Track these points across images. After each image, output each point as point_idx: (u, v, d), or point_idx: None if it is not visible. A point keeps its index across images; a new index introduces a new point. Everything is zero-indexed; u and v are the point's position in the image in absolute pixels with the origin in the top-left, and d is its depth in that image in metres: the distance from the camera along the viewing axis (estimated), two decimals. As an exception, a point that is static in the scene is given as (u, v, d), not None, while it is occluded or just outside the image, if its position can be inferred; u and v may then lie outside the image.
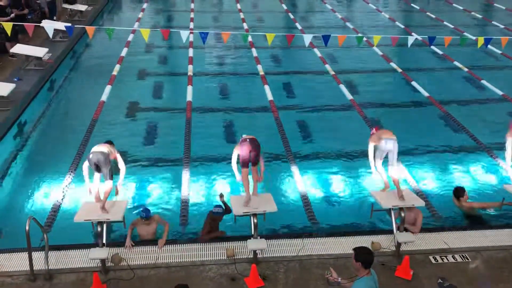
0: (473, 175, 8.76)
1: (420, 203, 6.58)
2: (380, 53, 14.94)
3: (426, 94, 12.09)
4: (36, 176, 8.44)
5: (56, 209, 7.45)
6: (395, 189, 6.53)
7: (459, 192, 7.56)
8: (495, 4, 23.46)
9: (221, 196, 6.81)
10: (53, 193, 7.92)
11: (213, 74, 13.54)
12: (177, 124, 10.37)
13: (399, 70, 13.72)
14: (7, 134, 9.90)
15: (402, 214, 6.38)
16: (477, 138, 9.89)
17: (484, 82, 12.93)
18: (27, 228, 5.49)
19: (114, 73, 13.00)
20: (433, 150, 9.49)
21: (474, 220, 7.50)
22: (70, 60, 14.59)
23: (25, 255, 5.88)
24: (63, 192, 7.90)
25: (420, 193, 7.86)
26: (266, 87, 12.31)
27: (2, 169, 8.75)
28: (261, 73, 13.30)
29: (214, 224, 6.69)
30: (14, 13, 14.00)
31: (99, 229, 6.03)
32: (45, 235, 5.98)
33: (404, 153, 9.24)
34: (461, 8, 22.24)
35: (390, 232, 6.56)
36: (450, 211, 7.62)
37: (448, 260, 6.30)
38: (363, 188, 8.24)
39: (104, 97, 11.46)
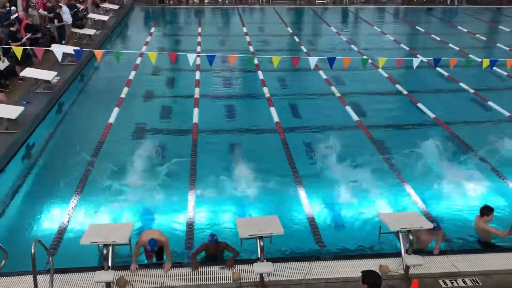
0: (481, 197, 8.66)
1: (428, 225, 6.50)
2: (386, 75, 15.01)
3: (432, 115, 12.08)
4: (43, 198, 8.45)
5: (62, 231, 7.43)
6: (402, 211, 6.47)
7: (486, 210, 7.20)
8: (499, 27, 23.62)
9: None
10: (60, 216, 7.91)
11: (220, 96, 13.64)
12: (184, 145, 10.40)
13: (405, 92, 13.75)
14: (15, 157, 9.97)
15: (411, 237, 6.30)
16: (485, 159, 9.82)
17: (490, 103, 12.91)
18: (32, 251, 5.47)
19: (122, 95, 13.13)
20: (441, 172, 9.42)
21: (484, 243, 7.37)
22: (79, 83, 14.76)
23: (30, 278, 5.84)
24: (69, 214, 7.89)
25: (428, 215, 7.77)
26: (272, 109, 12.36)
27: (10, 191, 8.78)
28: (267, 95, 13.37)
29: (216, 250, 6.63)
30: (28, 36, 14.31)
31: (105, 251, 5.99)
32: (50, 258, 5.95)
33: (411, 175, 9.23)
34: (465, 30, 22.40)
35: (399, 255, 6.47)
36: (459, 234, 7.51)
37: (458, 284, 6.18)
38: (371, 210, 8.16)
39: (111, 119, 11.55)
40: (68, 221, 7.70)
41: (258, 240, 6.14)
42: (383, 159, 9.88)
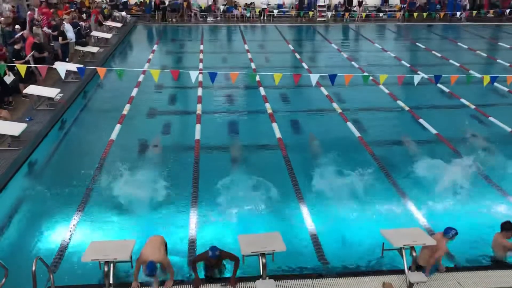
0: (484, 213, 8.61)
1: (431, 242, 6.46)
2: (387, 91, 15.07)
3: (434, 131, 12.09)
4: (44, 215, 8.43)
5: (63, 248, 7.40)
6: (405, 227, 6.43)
7: (509, 225, 7.02)
8: (499, 43, 23.78)
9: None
10: (61, 233, 7.88)
11: (222, 112, 13.69)
12: (186, 162, 10.41)
13: (407, 108, 13.78)
14: (17, 173, 9.98)
15: (414, 254, 6.26)
16: (487, 175, 9.80)
17: (491, 119, 12.93)
18: (33, 268, 5.44)
19: (124, 112, 13.19)
20: (443, 188, 9.38)
21: (497, 262, 7.24)
22: (82, 100, 14.86)
23: (30, 296, 5.79)
24: (70, 231, 7.87)
25: (431, 232, 7.72)
26: (274, 125, 12.39)
27: (12, 208, 8.77)
28: (269, 111, 13.43)
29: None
30: (34, 54, 14.48)
31: (106, 269, 5.96)
32: (51, 276, 5.91)
33: (414, 192, 9.20)
34: (465, 47, 22.55)
35: (402, 272, 6.41)
36: (463, 250, 7.45)
37: (462, 302, 6.12)
38: (374, 227, 8.11)
39: (113, 136, 11.59)
40: (69, 238, 7.67)
41: (260, 257, 6.10)
42: (385, 176, 9.87)
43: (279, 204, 8.73)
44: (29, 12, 20.02)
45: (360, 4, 29.30)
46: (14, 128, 10.70)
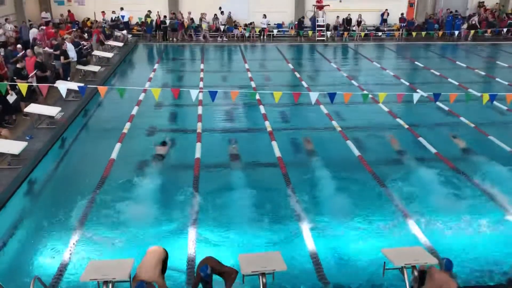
0: (485, 232, 8.57)
1: (433, 261, 6.41)
2: (386, 109, 15.13)
3: (433, 150, 12.10)
4: (44, 234, 8.38)
5: (62, 268, 7.33)
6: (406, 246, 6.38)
7: None
8: (497, 62, 23.97)
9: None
10: (60, 252, 7.82)
11: (222, 130, 13.73)
12: (186, 180, 10.39)
13: (406, 126, 13.81)
14: (17, 192, 9.96)
15: (415, 273, 6.20)
16: (488, 193, 9.78)
17: (491, 137, 12.95)
18: (31, 288, 5.40)
19: (124, 131, 13.22)
20: (444, 207, 9.35)
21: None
22: (82, 119, 14.91)
23: (28, 316, 5.73)
24: (70, 251, 7.81)
25: (432, 251, 7.67)
26: (274, 143, 12.41)
27: (11, 227, 8.73)
28: (269, 129, 13.46)
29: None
30: (37, 73, 14.60)
31: (104, 289, 5.90)
32: (49, 296, 5.86)
33: (415, 210, 9.16)
34: (464, 65, 22.73)
35: (404, 291, 6.35)
36: (464, 270, 7.39)
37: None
38: (375, 246, 8.06)
39: (114, 155, 11.59)
40: (68, 258, 7.62)
41: (260, 277, 6.05)
42: (386, 195, 9.84)
43: (279, 223, 8.69)
44: (37, 33, 20.34)
45: (359, 23, 29.63)
46: (14, 146, 10.71)
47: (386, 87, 18.22)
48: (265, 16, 28.78)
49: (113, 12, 27.59)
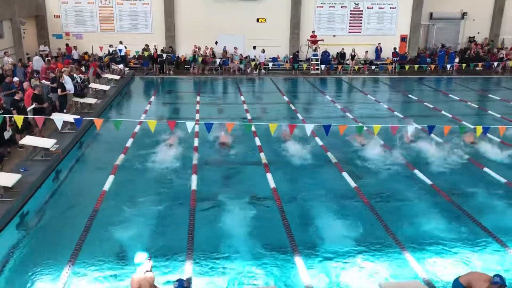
0: (483, 265, 8.47)
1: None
2: (381, 141, 15.19)
3: (429, 182, 12.09)
4: (36, 267, 8.22)
5: (52, 304, 7.16)
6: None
7: None
8: (489, 95, 24.33)
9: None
10: (53, 286, 7.65)
11: (217, 162, 13.69)
12: (181, 213, 10.29)
13: (402, 159, 13.81)
14: (9, 225, 9.81)
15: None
16: (484, 226, 9.73)
17: (486, 169, 12.99)
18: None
19: (118, 162, 13.17)
20: (440, 241, 9.28)
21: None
22: (77, 151, 14.86)
23: None
24: (63, 285, 7.65)
25: (430, 285, 7.55)
26: (269, 175, 12.37)
27: (2, 260, 8.54)
28: (264, 161, 13.45)
29: None
30: (35, 106, 14.65)
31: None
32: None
33: (412, 243, 9.08)
34: (457, 98, 23.04)
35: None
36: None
37: None
38: (372, 280, 7.94)
39: (106, 187, 11.50)
40: (59, 293, 7.44)
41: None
42: (382, 228, 9.76)
43: (274, 257, 8.57)
44: (42, 65, 20.78)
45: (352, 57, 30.16)
46: (8, 179, 10.62)
47: (380, 120, 18.36)
48: (263, 50, 29.28)
49: (110, 46, 27.99)
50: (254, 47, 29.49)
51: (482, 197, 11.37)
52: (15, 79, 17.33)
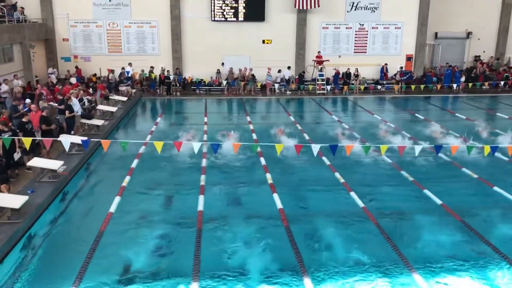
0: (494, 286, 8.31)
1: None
2: (389, 161, 15.10)
3: (439, 201, 11.96)
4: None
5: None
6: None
7: None
8: (496, 114, 24.21)
9: None
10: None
11: (224, 183, 13.65)
12: (188, 234, 10.22)
13: (411, 178, 13.70)
14: (16, 247, 9.78)
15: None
16: (495, 246, 9.57)
17: (496, 188, 12.84)
18: None
19: (124, 184, 13.16)
20: (451, 260, 9.12)
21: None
22: (84, 172, 14.90)
23: None
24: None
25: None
26: (275, 195, 12.30)
27: (8, 283, 8.50)
28: (270, 181, 13.38)
29: None
30: (43, 128, 14.78)
31: None
32: None
33: (420, 264, 8.94)
34: (463, 117, 22.94)
35: None
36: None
37: None
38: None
39: (112, 209, 11.46)
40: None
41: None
42: (391, 247, 9.63)
43: (282, 277, 8.46)
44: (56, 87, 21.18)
45: (356, 77, 30.19)
46: (15, 200, 10.65)
47: (387, 139, 18.28)
48: (269, 72, 29.50)
49: (123, 68, 28.19)
50: (269, 69, 29.61)
51: (492, 216, 11.23)
52: (27, 101, 17.54)
